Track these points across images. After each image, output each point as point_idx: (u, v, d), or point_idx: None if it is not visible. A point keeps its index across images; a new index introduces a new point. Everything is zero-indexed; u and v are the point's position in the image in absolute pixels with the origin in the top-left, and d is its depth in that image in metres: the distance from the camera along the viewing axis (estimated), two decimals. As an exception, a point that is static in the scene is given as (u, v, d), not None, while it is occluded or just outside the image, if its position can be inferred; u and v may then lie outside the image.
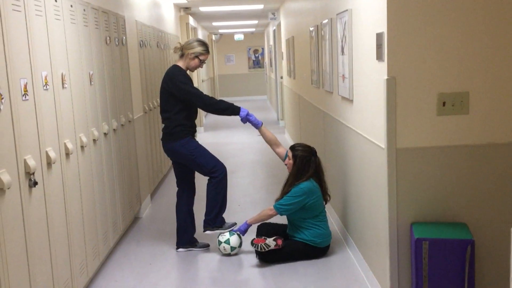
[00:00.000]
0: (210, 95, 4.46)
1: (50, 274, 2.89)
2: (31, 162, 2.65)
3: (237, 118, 4.25)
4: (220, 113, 4.19)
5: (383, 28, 2.90)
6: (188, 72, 4.27)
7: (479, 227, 2.94)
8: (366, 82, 3.33)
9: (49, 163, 2.93)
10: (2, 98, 2.40)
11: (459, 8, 2.81)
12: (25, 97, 2.66)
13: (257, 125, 4.26)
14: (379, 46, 2.97)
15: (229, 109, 4.16)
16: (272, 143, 4.32)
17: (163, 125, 4.28)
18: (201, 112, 11.17)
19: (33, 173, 2.67)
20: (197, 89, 4.18)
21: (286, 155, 4.20)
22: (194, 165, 4.24)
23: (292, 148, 4.16)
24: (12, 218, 2.47)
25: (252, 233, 4.29)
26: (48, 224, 2.89)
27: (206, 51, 4.25)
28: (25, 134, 2.64)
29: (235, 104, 4.24)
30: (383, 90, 2.91)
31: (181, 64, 4.24)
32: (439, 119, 2.89)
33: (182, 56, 4.24)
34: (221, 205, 4.25)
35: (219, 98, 20.49)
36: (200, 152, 4.20)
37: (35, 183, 2.68)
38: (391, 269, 3.01)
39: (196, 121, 4.38)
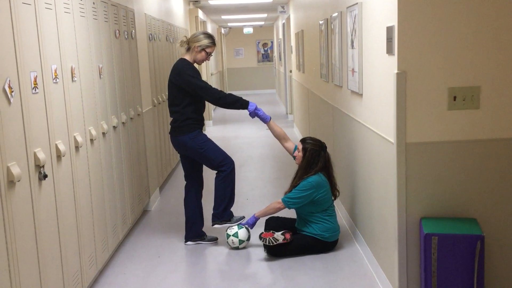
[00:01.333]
0: (220, 89, 4.45)
1: (60, 266, 2.91)
2: (41, 155, 2.66)
3: (245, 112, 4.24)
4: (228, 107, 4.18)
5: (393, 21, 2.88)
6: (195, 65, 4.27)
7: (489, 222, 2.92)
8: (376, 76, 3.31)
9: (59, 156, 2.94)
10: (12, 91, 2.41)
11: (471, 2, 2.78)
12: (35, 90, 2.67)
13: (265, 120, 4.25)
14: (389, 39, 2.95)
15: (238, 103, 4.16)
16: (281, 138, 4.32)
17: (171, 118, 4.28)
18: (209, 106, 11.18)
19: (43, 166, 2.69)
20: (206, 83, 4.17)
21: (296, 148, 4.20)
22: (202, 159, 4.24)
23: (303, 141, 4.15)
24: (22, 210, 2.48)
25: (260, 227, 4.29)
26: (58, 216, 2.91)
27: (213, 43, 4.25)
28: (35, 127, 2.66)
29: (244, 98, 4.24)
30: (393, 84, 2.89)
31: (188, 57, 4.23)
32: (450, 114, 2.87)
33: (188, 49, 4.25)
34: (229, 199, 4.25)
35: (228, 91, 20.43)
36: (209, 146, 4.21)
37: (45, 176, 2.70)
38: (399, 264, 3.00)
39: (205, 115, 4.39)
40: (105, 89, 3.96)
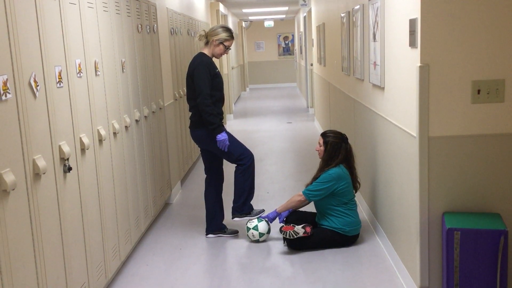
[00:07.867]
0: (241, 82, 4.41)
1: (84, 257, 2.97)
2: (66, 148, 2.71)
3: (266, 105, 4.24)
4: (205, 123, 4.10)
5: (416, 14, 2.84)
6: (214, 59, 4.29)
7: (513, 217, 2.88)
8: (398, 69, 3.28)
9: (83, 149, 2.99)
10: (38, 85, 2.46)
11: (496, -7, 2.74)
12: (60, 84, 2.71)
13: (275, 216, 4.15)
14: (412, 32, 2.92)
15: (212, 126, 4.07)
16: (298, 206, 4.18)
17: (191, 112, 4.31)
18: (229, 99, 11.19)
19: (68, 159, 2.74)
20: (205, 90, 4.06)
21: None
22: (221, 153, 4.26)
23: (323, 134, 4.15)
24: (48, 202, 2.53)
25: (281, 220, 4.29)
26: (82, 208, 2.96)
27: (231, 37, 4.26)
28: (60, 120, 2.70)
29: (265, 91, 4.21)
30: (416, 77, 2.86)
31: (206, 51, 4.25)
32: (474, 107, 2.83)
33: (207, 43, 4.26)
34: (248, 192, 4.27)
35: (249, 85, 20.18)
36: (228, 140, 4.22)
37: (70, 169, 2.75)
38: (421, 259, 2.98)
39: (226, 108, 4.38)
40: (127, 83, 4.00)
